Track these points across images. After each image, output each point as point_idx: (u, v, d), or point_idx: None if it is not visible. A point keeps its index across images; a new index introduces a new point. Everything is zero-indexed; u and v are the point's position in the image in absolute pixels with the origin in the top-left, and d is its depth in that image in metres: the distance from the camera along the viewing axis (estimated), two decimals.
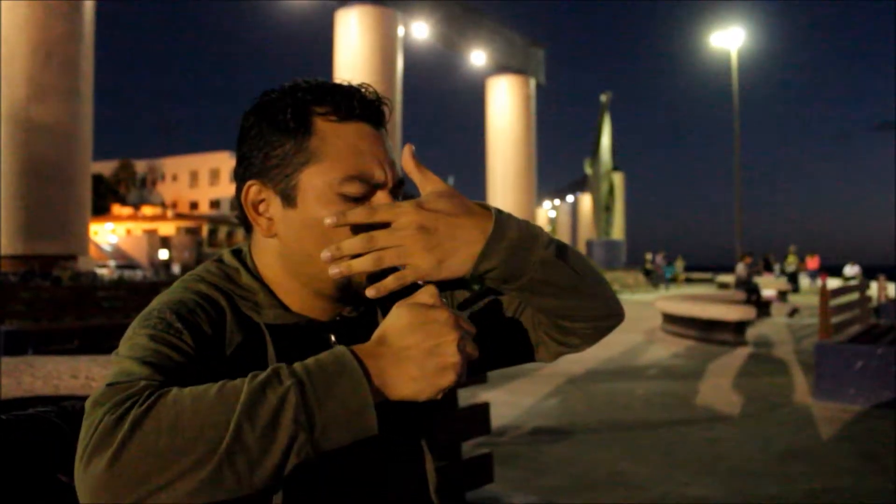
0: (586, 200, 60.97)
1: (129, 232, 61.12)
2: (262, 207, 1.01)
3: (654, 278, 34.36)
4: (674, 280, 37.83)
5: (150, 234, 58.42)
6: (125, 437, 0.73)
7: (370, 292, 0.90)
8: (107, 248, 51.88)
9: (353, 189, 0.96)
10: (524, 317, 1.14)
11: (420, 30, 33.53)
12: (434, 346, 0.84)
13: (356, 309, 1.07)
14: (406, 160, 0.95)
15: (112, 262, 40.04)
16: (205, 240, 59.65)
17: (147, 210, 66.46)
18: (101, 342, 7.53)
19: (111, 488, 0.72)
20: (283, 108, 0.98)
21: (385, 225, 0.90)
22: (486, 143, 41.71)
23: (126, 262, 43.19)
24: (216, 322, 0.96)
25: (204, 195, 78.35)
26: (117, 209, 65.62)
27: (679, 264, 39.10)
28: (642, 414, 6.36)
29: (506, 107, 40.93)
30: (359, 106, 0.99)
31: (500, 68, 40.07)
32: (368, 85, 1.03)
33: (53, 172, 18.65)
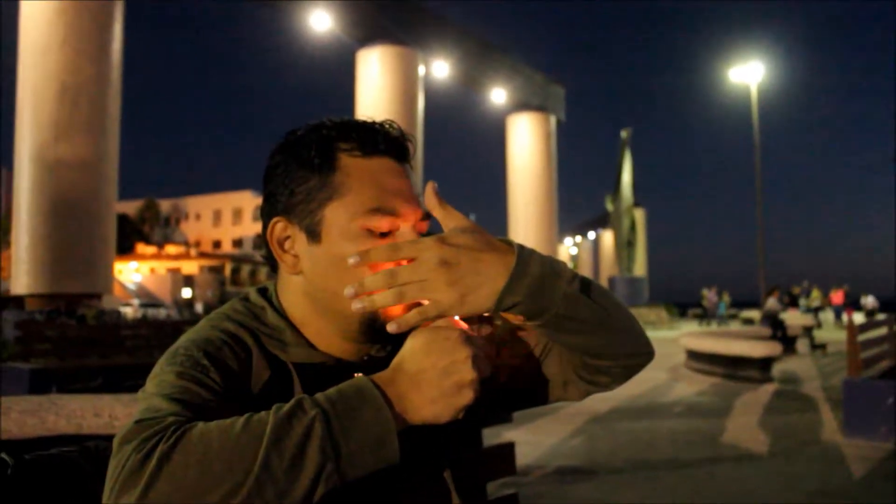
0: (608, 237, 60.81)
1: (152, 271, 61.68)
2: (287, 244, 1.01)
3: (708, 315, 32.52)
4: (733, 317, 35.53)
5: (174, 272, 58.91)
6: (153, 472, 0.73)
7: (391, 327, 0.89)
8: (131, 286, 52.33)
9: (377, 223, 0.96)
10: (552, 355, 1.13)
11: (440, 68, 33.86)
12: (449, 365, 0.85)
13: (384, 348, 1.06)
14: (429, 197, 0.95)
15: (136, 301, 40.36)
16: (228, 278, 60.05)
17: (171, 249, 67.15)
18: (125, 381, 7.55)
19: None
20: (308, 144, 0.99)
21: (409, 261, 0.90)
22: (507, 180, 41.82)
23: (150, 301, 43.49)
24: (243, 360, 0.96)
25: (227, 234, 79.06)
26: (141, 248, 66.35)
27: (726, 299, 35.04)
28: (668, 453, 6.26)
29: (526, 144, 41.08)
30: (382, 141, 1.00)
31: (521, 106, 40.29)
32: (392, 121, 1.04)
33: (79, 211, 18.92)
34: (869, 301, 32.27)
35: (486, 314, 0.92)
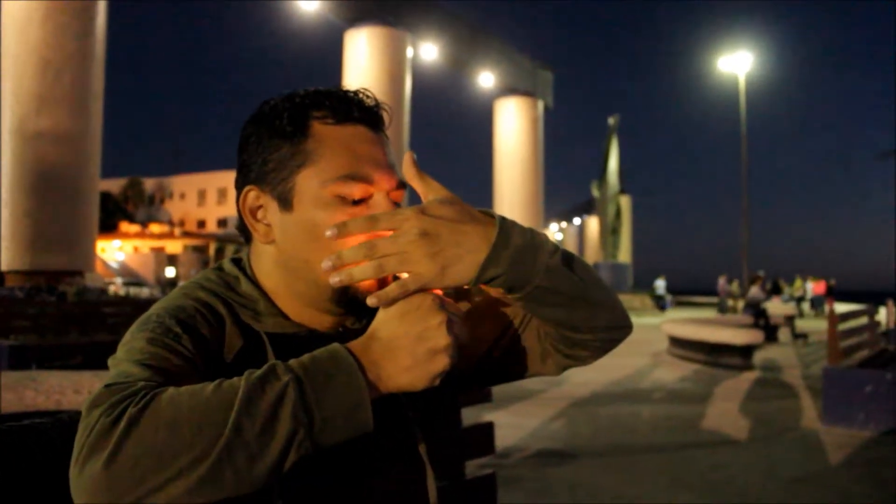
0: (593, 223, 60.97)
1: (136, 249, 61.31)
2: (259, 213, 1.00)
3: (721, 306, 29.12)
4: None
5: (158, 251, 58.58)
6: (121, 436, 0.72)
7: (371, 301, 0.87)
8: (114, 264, 52.01)
9: (349, 190, 0.95)
10: (530, 328, 1.12)
11: (428, 51, 33.73)
12: (422, 331, 0.84)
13: (359, 320, 1.05)
14: (407, 167, 0.93)
15: (119, 279, 40.12)
16: (212, 258, 59.81)
17: (154, 228, 66.70)
18: (105, 358, 7.51)
19: (109, 489, 0.71)
20: (280, 113, 0.98)
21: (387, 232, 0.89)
22: (494, 164, 41.82)
23: (133, 280, 43.25)
24: (215, 329, 0.95)
25: (212, 214, 78.65)
26: (125, 226, 65.87)
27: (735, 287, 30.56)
28: (648, 438, 6.29)
29: (513, 128, 41.06)
30: (356, 109, 0.99)
31: (509, 90, 40.24)
32: (367, 90, 1.02)
33: (61, 187, 18.74)
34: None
35: (465, 286, 0.90)
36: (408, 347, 0.84)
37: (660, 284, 35.95)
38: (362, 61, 30.34)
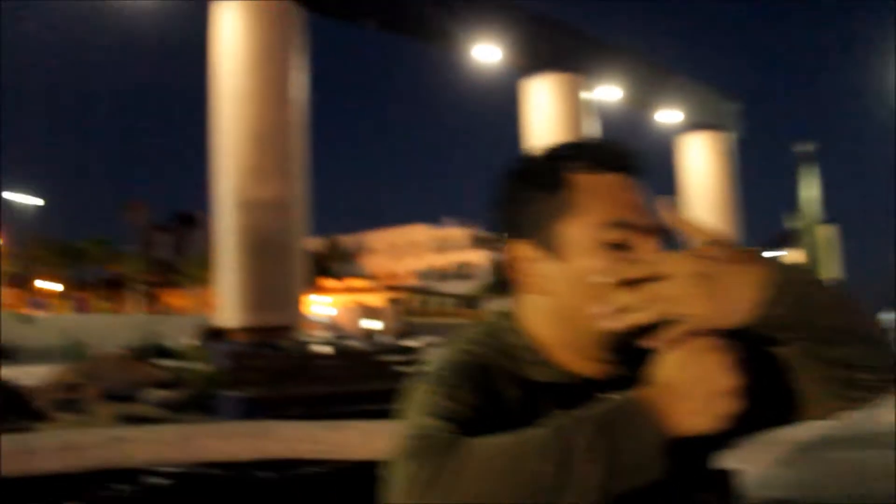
0: (793, 255, 57.24)
1: (338, 304, 64.66)
2: (525, 266, 1.02)
3: None
4: None
5: (358, 305, 61.50)
6: (440, 486, 0.78)
7: (650, 344, 0.89)
8: (318, 319, 55.10)
9: (615, 236, 0.96)
10: (803, 369, 1.04)
11: (607, 93, 33.55)
12: (705, 374, 0.85)
13: (630, 367, 1.02)
14: (668, 211, 0.95)
15: (325, 333, 42.48)
16: (410, 309, 61.85)
17: (354, 282, 70.16)
18: (327, 408, 8.03)
19: None
20: (538, 167, 1.03)
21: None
22: (682, 201, 40.48)
23: (338, 333, 45.65)
24: (491, 380, 0.97)
25: (405, 267, 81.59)
26: (328, 283, 69.76)
27: None
28: (884, 488, 5.81)
29: (701, 164, 39.65)
30: (613, 157, 1.01)
31: (694, 125, 39.03)
32: (620, 140, 1.06)
33: (273, 251, 20.33)
34: None
35: (743, 326, 0.89)
36: (692, 391, 0.84)
37: (888, 318, 32.75)
38: (541, 108, 30.72)
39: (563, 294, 0.99)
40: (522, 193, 1.03)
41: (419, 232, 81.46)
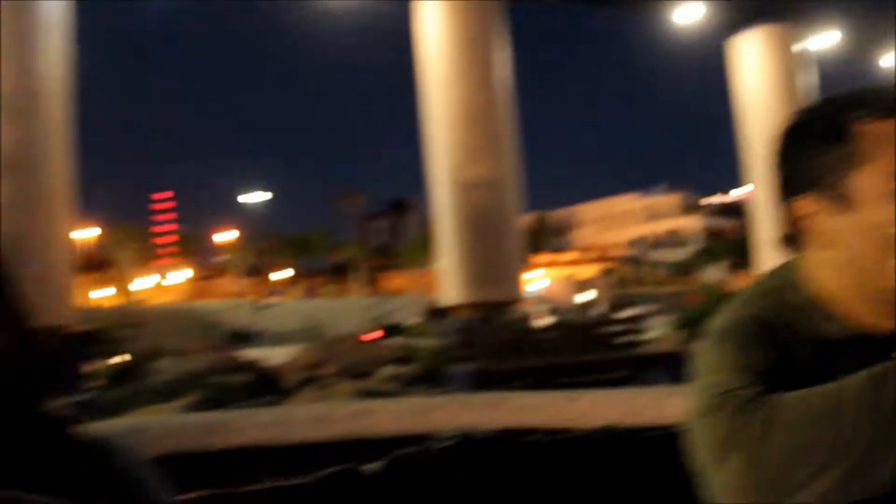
0: None
1: (551, 277, 64.89)
2: (812, 220, 0.99)
3: None
4: None
5: (570, 278, 61.36)
6: (758, 437, 0.79)
7: None
8: (532, 293, 55.59)
9: None
10: None
11: (824, 40, 30.86)
12: None
13: None
14: None
15: (541, 306, 42.82)
16: (622, 279, 60.85)
17: (565, 256, 70.01)
18: (555, 379, 8.19)
19: (757, 487, 0.78)
20: (822, 118, 0.99)
21: None
22: None
23: (552, 306, 45.84)
24: (782, 335, 0.96)
25: (615, 237, 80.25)
26: (539, 257, 70.16)
27: None
28: None
29: None
30: (894, 103, 0.96)
31: None
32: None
33: (490, 228, 20.85)
34: None
35: None
36: None
37: None
38: (754, 65, 28.84)
39: (855, 247, 0.95)
40: (807, 147, 1.00)
41: (628, 202, 79.71)
